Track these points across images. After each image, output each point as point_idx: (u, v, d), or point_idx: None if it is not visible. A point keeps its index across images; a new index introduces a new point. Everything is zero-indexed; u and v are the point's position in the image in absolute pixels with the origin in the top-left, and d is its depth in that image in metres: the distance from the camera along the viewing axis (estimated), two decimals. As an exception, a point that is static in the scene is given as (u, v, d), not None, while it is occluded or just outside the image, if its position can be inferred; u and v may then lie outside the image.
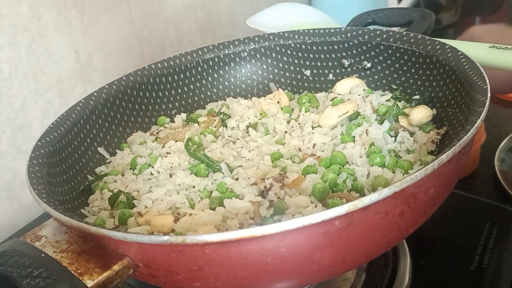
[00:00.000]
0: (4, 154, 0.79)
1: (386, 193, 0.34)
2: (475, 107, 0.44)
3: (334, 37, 0.68)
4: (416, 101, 0.59)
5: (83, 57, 0.88)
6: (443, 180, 0.41)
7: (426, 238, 0.63)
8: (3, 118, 0.78)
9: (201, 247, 0.35)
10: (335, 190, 0.47)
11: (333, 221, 0.34)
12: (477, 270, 0.57)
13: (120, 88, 0.64)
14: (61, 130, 0.56)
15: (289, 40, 0.70)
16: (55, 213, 0.40)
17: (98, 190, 0.55)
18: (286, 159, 0.53)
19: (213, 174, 0.53)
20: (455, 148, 0.38)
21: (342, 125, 0.57)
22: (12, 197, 0.82)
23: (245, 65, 0.73)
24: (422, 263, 0.59)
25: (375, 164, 0.50)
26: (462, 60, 0.53)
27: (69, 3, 0.84)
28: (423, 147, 0.53)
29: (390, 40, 0.63)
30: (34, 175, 0.47)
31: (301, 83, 0.71)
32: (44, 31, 0.81)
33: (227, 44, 0.72)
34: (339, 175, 0.48)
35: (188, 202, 0.49)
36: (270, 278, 0.38)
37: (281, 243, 0.35)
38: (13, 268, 0.37)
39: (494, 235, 0.62)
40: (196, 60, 0.70)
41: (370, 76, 0.66)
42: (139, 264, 0.38)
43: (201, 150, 0.57)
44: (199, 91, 0.72)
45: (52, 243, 0.40)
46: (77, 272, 0.37)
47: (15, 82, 0.78)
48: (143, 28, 0.98)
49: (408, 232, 0.42)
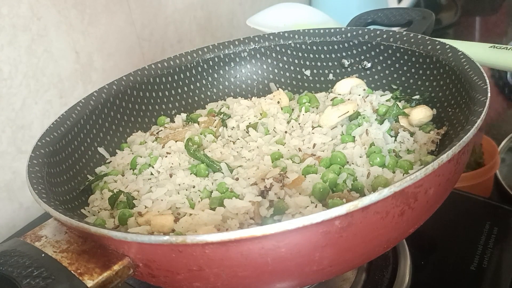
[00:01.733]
0: (4, 154, 0.79)
1: (386, 193, 0.34)
2: (475, 107, 0.44)
3: (334, 37, 0.68)
4: (416, 101, 0.59)
5: (83, 57, 0.88)
6: (443, 180, 0.41)
7: (426, 238, 0.63)
8: (3, 118, 0.78)
9: (201, 247, 0.35)
10: (335, 190, 0.47)
11: (333, 221, 0.34)
12: (477, 270, 0.57)
13: (120, 88, 0.64)
14: (61, 130, 0.56)
15: (289, 40, 0.70)
16: (55, 213, 0.40)
17: (98, 190, 0.55)
18: (286, 159, 0.53)
19: (213, 174, 0.53)
20: (455, 148, 0.38)
21: (342, 125, 0.57)
22: (12, 197, 0.82)
23: (245, 65, 0.73)
24: (422, 263, 0.59)
25: (375, 164, 0.50)
26: (462, 60, 0.53)
27: (69, 3, 0.84)
28: (423, 147, 0.53)
29: (390, 40, 0.63)
30: (34, 175, 0.47)
31: (301, 83, 0.71)
32: (44, 31, 0.81)
33: (227, 44, 0.72)
34: (339, 175, 0.48)
35: (188, 202, 0.49)
36: (270, 278, 0.38)
37: (281, 243, 0.35)
38: (13, 268, 0.37)
39: (494, 235, 0.62)
40: (196, 60, 0.70)
41: (370, 76, 0.66)
42: (139, 264, 0.38)
43: (201, 150, 0.57)
44: (199, 91, 0.72)
45: (52, 243, 0.40)
46: (77, 272, 0.37)
47: (15, 82, 0.78)
48: (143, 28, 0.98)
49: (408, 232, 0.42)
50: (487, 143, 0.86)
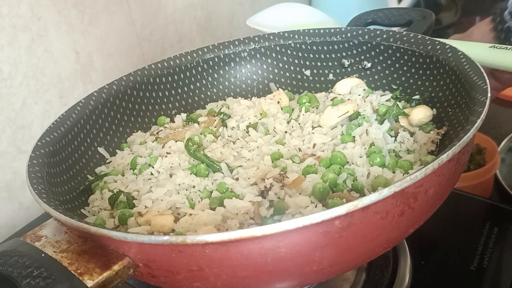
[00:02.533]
0: (4, 154, 0.79)
1: (386, 193, 0.34)
2: (475, 107, 0.44)
3: (334, 37, 0.68)
4: (416, 101, 0.59)
5: (83, 57, 0.88)
6: (443, 180, 0.41)
7: (426, 238, 0.63)
8: (3, 118, 0.78)
9: (201, 247, 0.35)
10: (335, 190, 0.47)
11: (333, 221, 0.34)
12: (477, 270, 0.57)
13: (120, 88, 0.64)
14: (61, 130, 0.56)
15: (289, 40, 0.70)
16: (55, 213, 0.40)
17: (98, 190, 0.55)
18: (286, 159, 0.53)
19: (213, 174, 0.53)
20: (455, 148, 0.38)
21: (342, 125, 0.57)
22: (12, 197, 0.82)
23: (245, 65, 0.73)
24: (422, 263, 0.59)
25: (375, 164, 0.50)
26: (462, 60, 0.53)
27: (69, 3, 0.84)
28: (423, 147, 0.53)
29: (390, 40, 0.63)
30: (34, 175, 0.47)
31: (301, 83, 0.71)
32: (44, 31, 0.81)
33: (227, 44, 0.72)
34: (339, 175, 0.48)
35: (188, 202, 0.49)
36: (270, 278, 0.38)
37: (281, 243, 0.35)
38: (13, 268, 0.37)
39: (494, 235, 0.62)
40: (196, 60, 0.70)
41: (370, 76, 0.66)
42: (139, 264, 0.38)
43: (201, 150, 0.57)
44: (199, 91, 0.72)
45: (52, 243, 0.40)
46: (77, 272, 0.37)
47: (15, 82, 0.78)
48: (143, 28, 0.98)
49: (408, 232, 0.42)
50: (487, 143, 0.86)
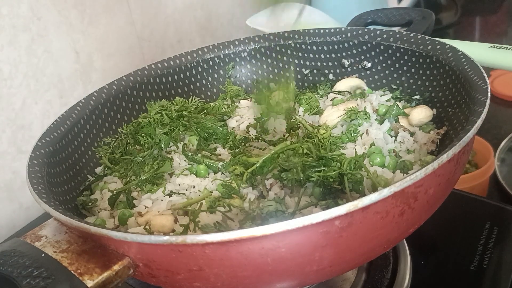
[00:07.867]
0: (4, 154, 0.79)
1: (386, 193, 0.34)
2: (475, 107, 0.44)
3: (334, 37, 0.68)
4: (416, 101, 0.59)
5: (83, 57, 0.88)
6: (443, 180, 0.41)
7: (426, 238, 0.63)
8: (3, 118, 0.78)
9: (201, 247, 0.35)
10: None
11: (333, 221, 0.34)
12: (477, 270, 0.57)
13: (120, 88, 0.64)
14: (61, 130, 0.56)
15: (289, 40, 0.70)
16: (55, 213, 0.40)
17: (98, 190, 0.55)
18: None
19: (213, 174, 0.53)
20: (455, 148, 0.38)
21: (342, 125, 0.57)
22: (12, 197, 0.82)
23: (245, 65, 0.73)
24: (422, 263, 0.59)
25: (375, 164, 0.50)
26: (462, 60, 0.53)
27: (69, 3, 0.84)
28: (423, 147, 0.53)
29: (390, 40, 0.63)
30: (34, 175, 0.47)
31: (301, 83, 0.71)
32: (44, 31, 0.81)
33: (227, 44, 0.72)
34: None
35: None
36: (270, 278, 0.38)
37: (281, 243, 0.35)
38: (13, 268, 0.37)
39: (494, 235, 0.62)
40: (196, 60, 0.70)
41: (370, 76, 0.66)
42: (139, 264, 0.38)
43: (201, 150, 0.57)
44: (199, 91, 0.72)
45: (52, 243, 0.40)
46: (77, 272, 0.37)
47: (15, 82, 0.78)
48: (143, 28, 0.98)
49: (408, 232, 0.42)
50: (481, 145, 0.85)
